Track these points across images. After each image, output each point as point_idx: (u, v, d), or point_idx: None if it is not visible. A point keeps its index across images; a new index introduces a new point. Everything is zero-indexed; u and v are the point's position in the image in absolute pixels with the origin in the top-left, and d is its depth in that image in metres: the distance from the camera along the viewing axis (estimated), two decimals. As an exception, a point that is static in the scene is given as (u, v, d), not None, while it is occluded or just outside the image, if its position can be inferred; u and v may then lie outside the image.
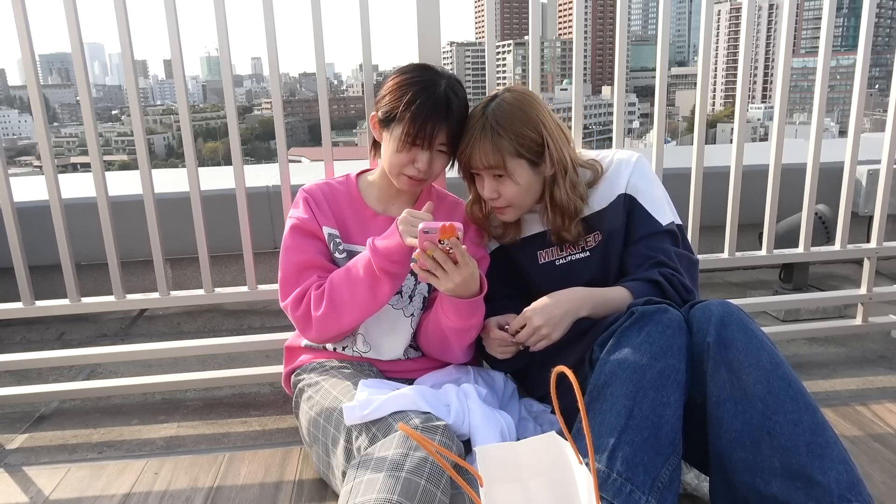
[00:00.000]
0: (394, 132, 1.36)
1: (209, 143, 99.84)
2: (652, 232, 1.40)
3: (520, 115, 1.34)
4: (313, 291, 1.37)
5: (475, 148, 1.34)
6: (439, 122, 1.33)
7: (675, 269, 1.36)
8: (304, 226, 1.43)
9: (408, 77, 1.37)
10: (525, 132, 1.33)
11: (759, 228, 2.00)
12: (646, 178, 1.44)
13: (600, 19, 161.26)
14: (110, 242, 1.72)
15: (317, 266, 1.41)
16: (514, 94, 1.37)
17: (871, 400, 1.73)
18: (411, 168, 1.37)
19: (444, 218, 1.48)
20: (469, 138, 1.35)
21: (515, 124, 1.33)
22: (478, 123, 1.34)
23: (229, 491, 1.43)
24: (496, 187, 1.37)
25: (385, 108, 1.37)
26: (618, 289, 1.36)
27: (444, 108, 1.34)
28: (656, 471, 1.07)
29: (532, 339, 1.30)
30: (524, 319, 1.31)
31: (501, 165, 1.33)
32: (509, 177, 1.34)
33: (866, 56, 1.84)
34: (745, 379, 1.10)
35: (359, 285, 1.33)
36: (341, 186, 1.50)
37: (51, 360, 1.82)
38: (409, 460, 1.07)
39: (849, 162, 1.94)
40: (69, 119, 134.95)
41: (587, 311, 1.32)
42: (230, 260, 2.56)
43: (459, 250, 1.21)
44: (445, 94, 1.35)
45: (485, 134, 1.32)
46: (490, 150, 1.32)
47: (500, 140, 1.32)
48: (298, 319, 1.39)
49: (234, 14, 20.64)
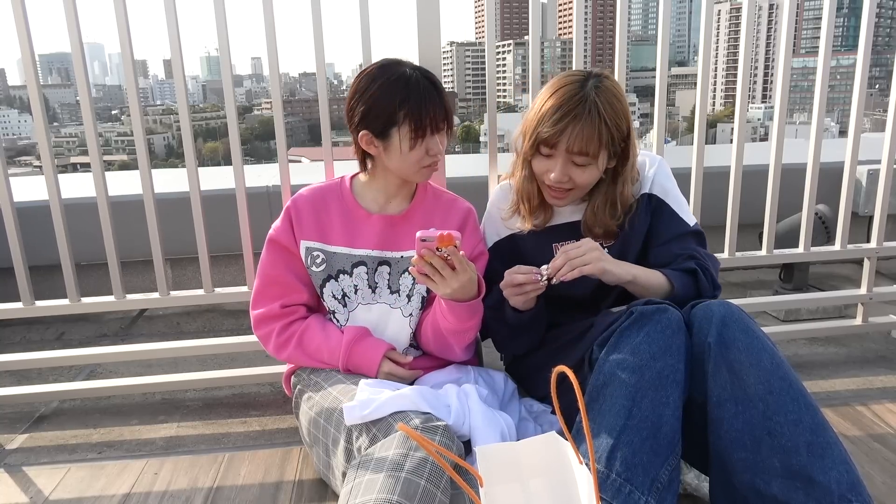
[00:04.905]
0: (394, 137, 1.35)
1: (209, 143, 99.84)
2: (681, 233, 1.40)
3: (619, 106, 1.29)
4: (276, 334, 1.46)
5: (574, 128, 1.26)
6: (434, 103, 1.34)
7: (707, 266, 1.36)
8: (279, 240, 1.47)
9: (380, 82, 1.34)
10: (620, 123, 1.30)
11: (759, 228, 2.00)
12: (671, 180, 1.45)
13: (600, 19, 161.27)
14: (110, 242, 1.72)
15: (282, 283, 1.47)
16: (611, 81, 1.32)
17: (871, 400, 1.73)
18: (427, 158, 1.38)
19: (442, 217, 1.49)
20: (568, 115, 1.26)
21: (617, 113, 1.29)
22: (581, 104, 1.26)
23: (229, 491, 1.43)
24: (570, 171, 1.32)
25: (375, 121, 1.35)
26: (656, 272, 1.34)
27: (431, 89, 1.35)
28: (655, 471, 1.07)
29: (559, 264, 1.21)
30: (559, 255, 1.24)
31: (595, 153, 1.29)
32: (591, 165, 1.31)
33: (866, 56, 1.84)
34: (746, 379, 1.10)
35: (323, 359, 1.44)
36: (333, 190, 1.50)
37: (51, 360, 1.82)
38: (409, 461, 1.07)
39: (849, 162, 1.94)
40: (69, 119, 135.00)
41: (630, 277, 1.28)
42: (230, 260, 2.56)
43: (457, 258, 1.22)
44: (421, 76, 1.36)
45: (590, 118, 1.26)
46: (592, 135, 1.26)
47: (602, 127, 1.27)
48: (259, 338, 1.51)
49: (234, 14, 20.68)
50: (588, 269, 1.22)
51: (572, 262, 1.22)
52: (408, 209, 1.48)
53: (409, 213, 1.48)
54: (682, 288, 1.32)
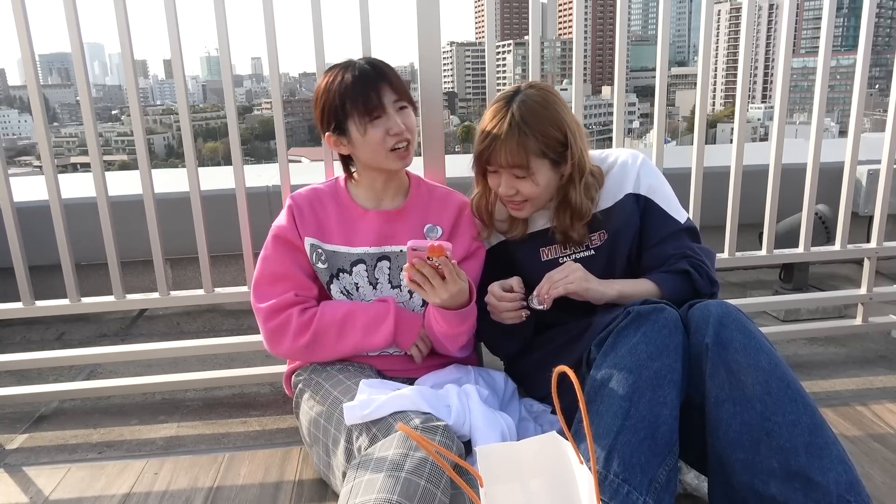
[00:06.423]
0: (351, 128, 1.37)
1: (209, 143, 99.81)
2: (673, 231, 1.40)
3: (545, 114, 1.30)
4: (296, 315, 1.40)
5: (499, 146, 1.29)
6: (379, 82, 1.35)
7: (702, 262, 1.36)
8: (285, 235, 1.46)
9: (325, 84, 1.39)
10: (550, 132, 1.30)
11: (759, 228, 2.00)
12: (657, 177, 1.44)
13: (600, 19, 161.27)
14: (110, 242, 1.72)
15: (292, 279, 1.44)
16: (538, 90, 1.33)
17: (871, 400, 1.73)
18: (390, 139, 1.37)
19: (438, 211, 1.50)
20: (491, 135, 1.30)
21: (542, 123, 1.29)
22: (502, 121, 1.29)
23: (229, 491, 1.43)
24: (514, 184, 1.34)
25: (330, 120, 1.39)
26: (644, 281, 1.35)
27: (370, 71, 1.36)
28: (653, 471, 1.07)
29: (545, 288, 1.29)
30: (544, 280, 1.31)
31: (525, 165, 1.30)
32: (530, 177, 1.32)
33: (866, 56, 1.84)
34: (744, 380, 1.10)
35: (349, 337, 1.40)
36: (328, 190, 1.51)
37: (51, 360, 1.82)
38: (409, 460, 1.07)
39: (849, 162, 1.94)
40: (69, 119, 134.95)
41: (614, 293, 1.32)
42: (230, 260, 2.56)
43: (448, 268, 1.24)
44: (361, 64, 1.37)
45: (511, 133, 1.28)
46: (516, 149, 1.29)
47: (527, 139, 1.28)
48: (270, 332, 1.43)
49: (234, 14, 20.68)
50: (572, 287, 1.28)
51: (555, 283, 1.28)
52: (404, 204, 1.49)
53: (406, 208, 1.49)
54: (673, 292, 1.32)
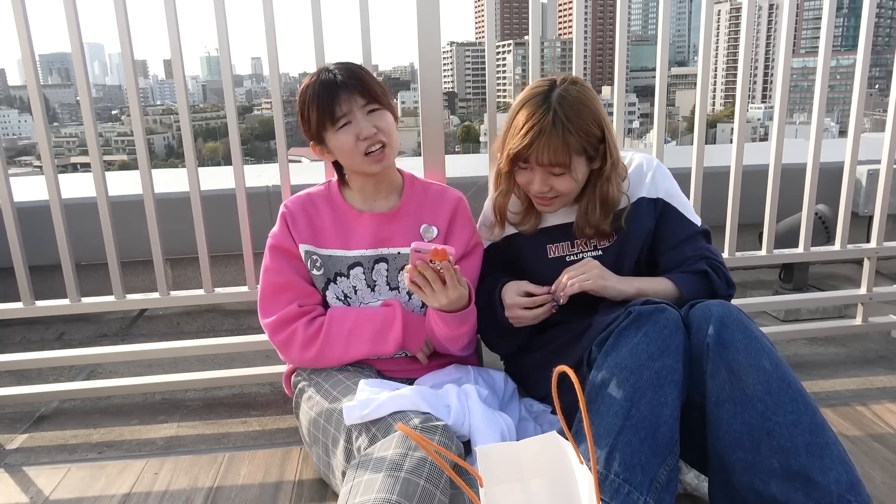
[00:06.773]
0: (326, 136, 1.38)
1: (209, 143, 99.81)
2: (690, 234, 1.41)
3: (587, 112, 1.29)
4: (302, 328, 1.40)
5: (542, 144, 1.27)
6: (340, 91, 1.34)
7: (721, 263, 1.37)
8: (281, 244, 1.46)
9: (299, 95, 1.40)
10: (592, 129, 1.29)
11: (759, 228, 2.00)
12: (671, 181, 1.45)
13: (600, 19, 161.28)
14: (110, 242, 1.72)
15: (293, 289, 1.44)
16: (577, 86, 1.32)
17: (871, 400, 1.73)
18: (362, 143, 1.37)
19: (433, 208, 1.49)
20: (532, 132, 1.27)
21: (585, 121, 1.28)
22: (544, 118, 1.26)
23: (229, 491, 1.43)
24: (550, 182, 1.33)
25: (308, 130, 1.40)
26: (662, 280, 1.35)
27: (335, 79, 1.36)
28: (654, 471, 1.07)
29: (560, 285, 1.31)
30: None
31: (567, 163, 1.29)
32: (569, 173, 1.31)
33: (866, 56, 1.84)
34: (745, 379, 1.10)
35: (358, 347, 1.40)
36: (322, 193, 1.51)
37: (51, 360, 1.82)
38: (408, 460, 1.07)
39: (849, 162, 1.94)
40: (69, 119, 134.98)
41: (633, 291, 1.32)
42: (230, 260, 2.55)
43: (450, 273, 1.24)
44: (336, 69, 1.38)
45: (555, 131, 1.26)
46: (560, 147, 1.27)
47: (570, 137, 1.27)
48: (279, 344, 1.44)
49: (234, 14, 20.65)
50: (588, 284, 1.29)
51: (573, 279, 1.30)
52: (399, 205, 1.48)
53: (401, 209, 1.48)
54: (692, 292, 1.32)
